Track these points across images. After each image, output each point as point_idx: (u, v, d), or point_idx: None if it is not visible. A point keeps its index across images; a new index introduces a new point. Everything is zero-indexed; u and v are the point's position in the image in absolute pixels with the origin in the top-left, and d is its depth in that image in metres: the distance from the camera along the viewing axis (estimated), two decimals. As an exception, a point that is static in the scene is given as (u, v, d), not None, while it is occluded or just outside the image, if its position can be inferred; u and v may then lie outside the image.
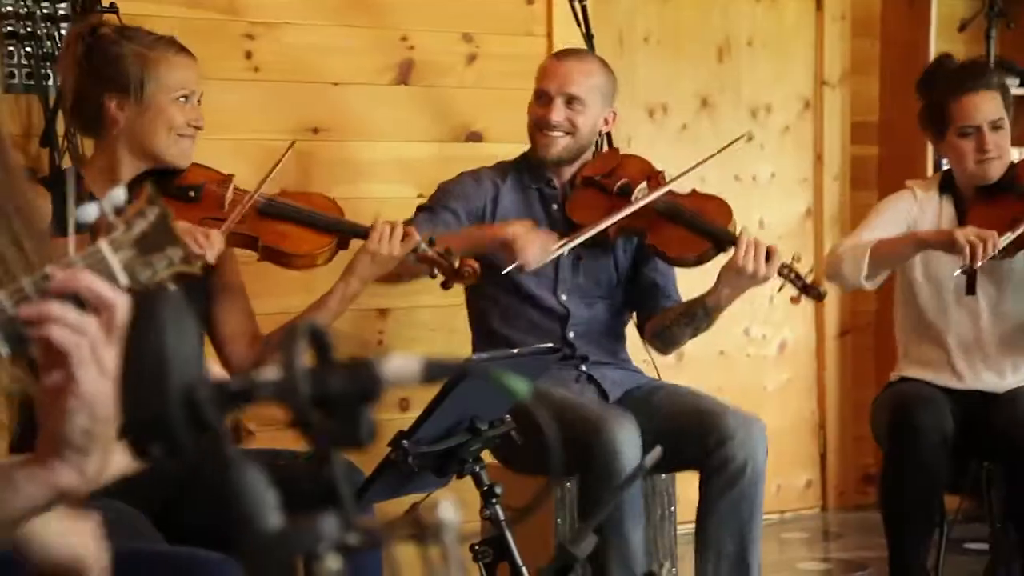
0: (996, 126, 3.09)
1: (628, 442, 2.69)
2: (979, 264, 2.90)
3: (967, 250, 2.88)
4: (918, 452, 2.95)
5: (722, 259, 2.94)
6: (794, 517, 4.67)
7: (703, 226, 2.94)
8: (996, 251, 2.91)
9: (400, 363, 1.09)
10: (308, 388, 1.07)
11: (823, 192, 4.68)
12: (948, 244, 2.95)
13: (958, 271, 2.96)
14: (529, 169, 3.10)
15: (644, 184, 3.02)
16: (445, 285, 2.83)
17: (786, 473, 4.66)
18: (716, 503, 2.80)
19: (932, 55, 4.49)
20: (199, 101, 2.64)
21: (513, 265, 2.82)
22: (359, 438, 1.10)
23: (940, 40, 4.53)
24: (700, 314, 2.97)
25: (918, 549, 3.02)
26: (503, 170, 3.12)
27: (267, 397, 1.09)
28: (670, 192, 3.00)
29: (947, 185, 3.22)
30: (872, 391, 3.58)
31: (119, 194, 1.62)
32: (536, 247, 2.80)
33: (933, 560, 3.12)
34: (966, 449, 3.14)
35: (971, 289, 3.12)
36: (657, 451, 1.94)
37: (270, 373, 1.09)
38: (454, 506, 1.05)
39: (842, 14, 4.66)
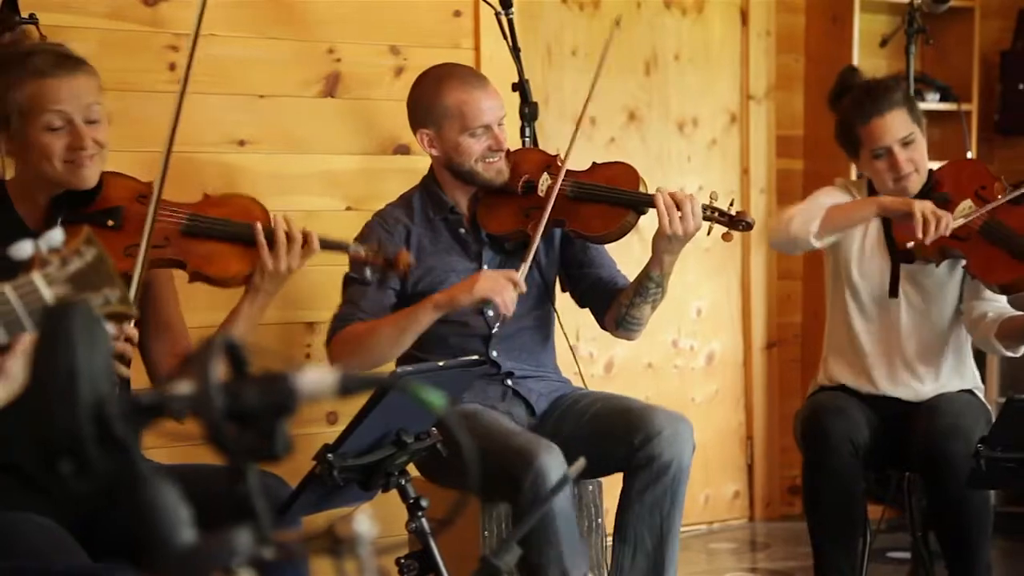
0: (906, 142, 3.12)
1: (555, 468, 2.69)
2: (929, 239, 2.94)
3: (921, 223, 2.92)
4: (830, 460, 2.99)
5: (645, 221, 2.98)
6: (722, 527, 4.71)
7: (617, 196, 2.95)
8: (948, 231, 2.95)
9: (315, 376, 1.09)
10: (222, 402, 1.06)
11: (749, 205, 4.72)
12: (906, 213, 2.98)
13: (910, 244, 2.99)
14: (432, 201, 3.08)
15: (545, 174, 3.03)
16: (381, 282, 2.84)
17: (714, 484, 4.71)
18: (638, 497, 2.80)
19: (855, 71, 4.58)
20: (92, 120, 2.40)
21: (499, 321, 2.86)
22: (275, 451, 1.09)
23: (863, 56, 4.61)
24: (651, 287, 2.98)
25: (840, 556, 3.06)
26: (408, 205, 3.09)
27: (181, 411, 1.08)
28: (573, 172, 3.01)
29: (873, 192, 3.26)
30: (798, 402, 3.62)
31: (56, 234, 1.62)
32: (509, 292, 2.79)
33: (857, 569, 3.15)
34: (887, 459, 3.19)
35: (894, 292, 3.18)
36: (581, 462, 1.95)
37: (184, 387, 1.08)
38: (369, 519, 1.05)
39: (767, 30, 4.72)
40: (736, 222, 2.90)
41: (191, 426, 1.11)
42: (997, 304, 3.19)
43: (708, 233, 2.94)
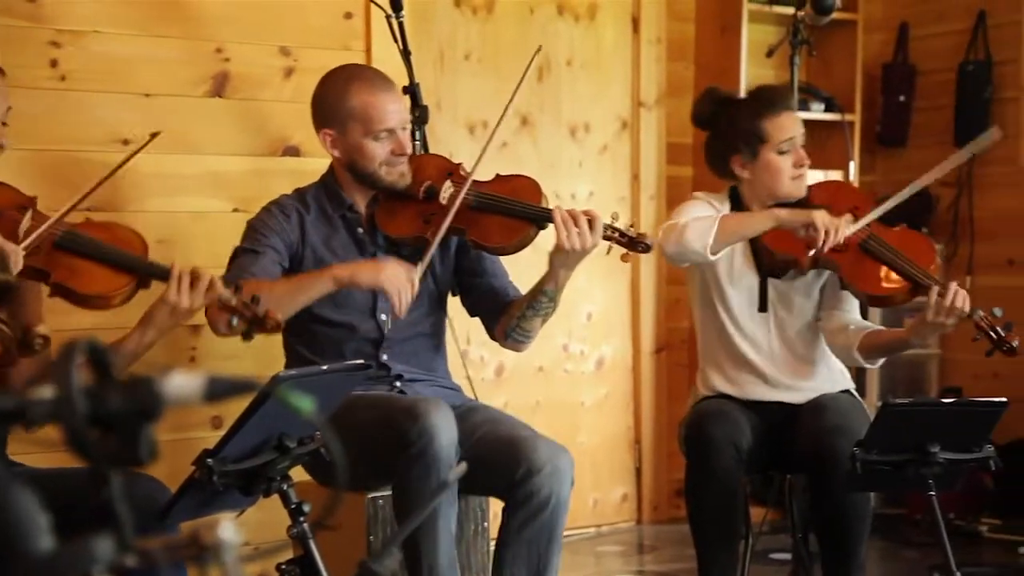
0: (802, 142, 3.22)
1: (444, 425, 2.67)
2: (826, 248, 3.00)
3: (821, 233, 2.98)
4: (713, 465, 3.02)
5: (545, 235, 2.98)
6: (610, 530, 4.75)
7: (518, 209, 2.96)
8: (842, 239, 3.01)
9: (181, 381, 1.07)
10: (84, 407, 1.04)
11: (640, 211, 4.78)
12: (806, 224, 3.02)
13: (811, 252, 3.05)
14: (330, 197, 3.06)
15: (448, 182, 3.03)
16: (246, 336, 2.59)
17: (602, 487, 4.75)
18: (516, 534, 2.80)
19: (743, 80, 4.67)
20: None
21: (388, 318, 2.84)
22: (138, 457, 1.08)
23: (751, 65, 4.69)
24: (544, 300, 2.98)
25: (723, 559, 3.09)
26: (304, 199, 3.06)
27: (41, 416, 1.06)
28: (476, 183, 3.01)
29: (736, 201, 3.31)
30: (686, 407, 3.67)
31: None
32: (407, 293, 2.77)
33: (739, 570, 3.20)
34: (772, 461, 3.24)
35: (763, 306, 3.24)
36: (462, 466, 1.95)
37: (45, 391, 1.06)
38: (234, 526, 1.04)
39: (658, 37, 4.78)
40: (635, 243, 2.91)
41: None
42: (855, 315, 3.26)
43: (608, 252, 2.95)
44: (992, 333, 2.98)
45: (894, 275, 3.12)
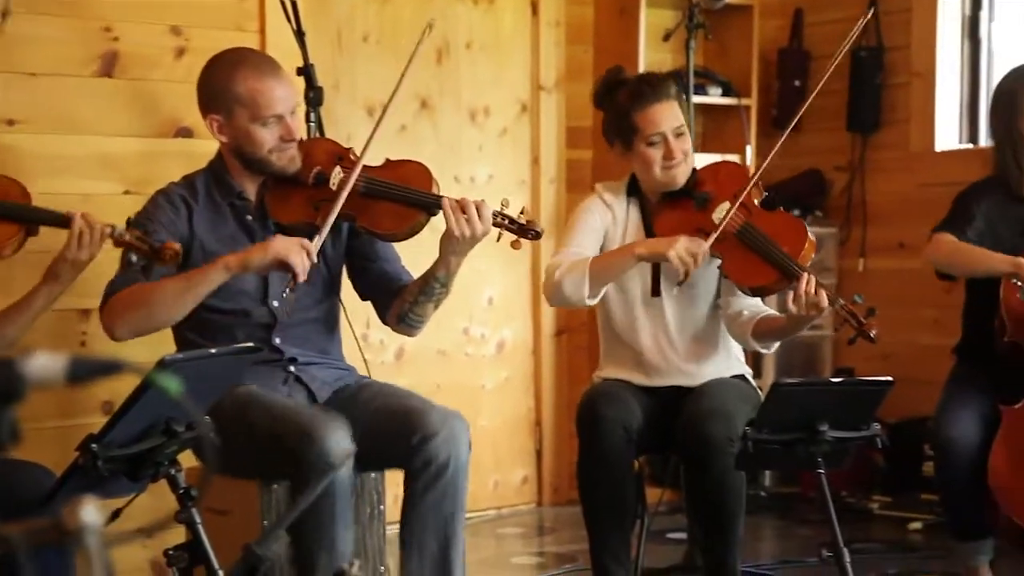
0: (678, 132, 3.21)
1: (339, 448, 2.66)
2: (691, 277, 3.04)
3: (680, 268, 3.01)
4: (601, 445, 3.04)
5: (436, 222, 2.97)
6: (511, 512, 4.77)
7: (408, 196, 2.95)
8: (706, 259, 3.04)
9: (43, 362, 1.05)
10: (-60, 389, 1.02)
11: (540, 194, 4.80)
12: (662, 260, 3.06)
13: (675, 289, 3.12)
14: (218, 184, 3.02)
15: (338, 167, 3.00)
16: (146, 270, 2.71)
17: (503, 470, 4.76)
18: (419, 501, 2.81)
19: (641, 63, 4.70)
20: None
21: (294, 285, 2.78)
22: (-1, 440, 1.05)
23: (649, 49, 4.72)
24: (436, 287, 2.98)
25: (614, 539, 3.11)
26: (192, 187, 3.02)
27: None
28: (366, 168, 2.99)
29: (633, 190, 3.33)
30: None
31: None
32: (304, 257, 2.74)
33: (635, 550, 3.23)
34: (661, 443, 3.26)
35: (656, 291, 3.26)
36: (352, 447, 1.94)
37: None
38: (96, 509, 1.02)
39: (557, 21, 4.79)
40: (525, 231, 2.93)
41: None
42: (751, 302, 3.28)
43: (498, 240, 2.96)
44: (853, 321, 3.01)
45: (765, 265, 3.13)
